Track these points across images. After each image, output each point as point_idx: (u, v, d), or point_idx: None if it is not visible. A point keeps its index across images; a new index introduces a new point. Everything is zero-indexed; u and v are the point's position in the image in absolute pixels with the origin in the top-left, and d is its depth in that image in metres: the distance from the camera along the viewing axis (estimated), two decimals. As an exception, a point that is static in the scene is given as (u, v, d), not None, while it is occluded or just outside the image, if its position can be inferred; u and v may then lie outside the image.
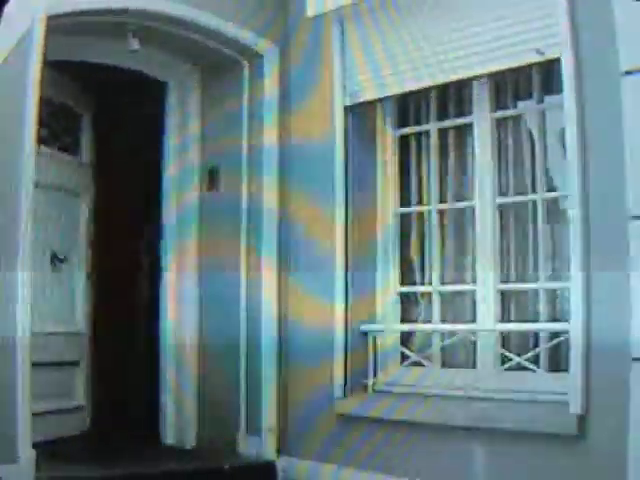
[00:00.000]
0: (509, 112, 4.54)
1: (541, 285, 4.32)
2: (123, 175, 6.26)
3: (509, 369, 4.34)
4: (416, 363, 4.73)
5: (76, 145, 5.89)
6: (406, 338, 4.84)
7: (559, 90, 4.03)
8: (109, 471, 4.51)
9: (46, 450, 4.37)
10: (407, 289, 4.90)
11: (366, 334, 4.80)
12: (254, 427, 5.07)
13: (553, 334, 4.18)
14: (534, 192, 4.38)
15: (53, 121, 5.58)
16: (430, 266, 4.80)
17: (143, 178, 6.02)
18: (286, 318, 5.06)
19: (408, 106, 4.98)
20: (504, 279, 4.48)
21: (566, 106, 3.92)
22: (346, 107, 4.91)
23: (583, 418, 3.75)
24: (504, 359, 4.37)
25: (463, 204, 4.70)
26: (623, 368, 3.47)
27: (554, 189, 4.34)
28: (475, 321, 4.52)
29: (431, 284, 4.77)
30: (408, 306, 4.91)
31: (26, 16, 4.16)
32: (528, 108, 4.48)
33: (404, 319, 4.89)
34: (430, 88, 4.66)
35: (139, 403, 5.93)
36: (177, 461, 5.05)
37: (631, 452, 3.43)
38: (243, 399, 5.13)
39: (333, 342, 4.77)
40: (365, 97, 4.86)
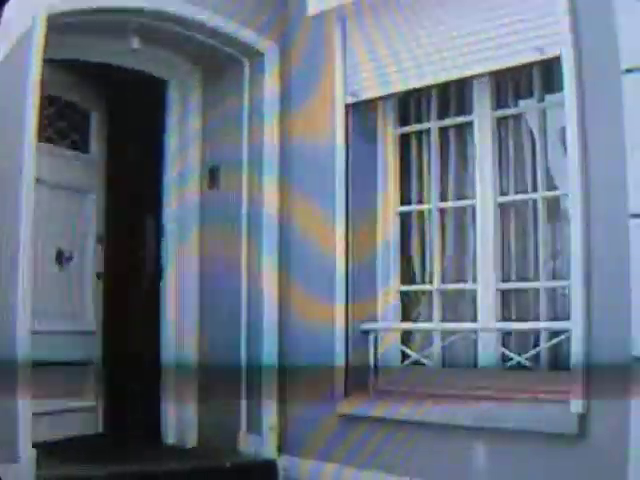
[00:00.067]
0: (510, 111, 4.53)
1: (542, 284, 4.31)
2: (132, 173, 6.20)
3: (510, 368, 4.33)
4: (417, 362, 4.72)
5: (85, 143, 5.87)
6: (407, 337, 4.84)
7: (560, 89, 4.03)
8: (110, 470, 4.50)
9: (47, 449, 4.37)
10: (408, 288, 4.89)
11: (367, 333, 4.79)
12: (255, 426, 5.06)
13: (554, 333, 4.17)
14: (535, 191, 4.38)
15: (60, 119, 5.57)
16: (431, 265, 4.80)
17: (150, 176, 6.00)
18: (287, 317, 5.06)
19: (409, 104, 4.98)
20: (505, 278, 4.48)
21: (567, 105, 3.92)
22: (347, 105, 4.90)
23: (584, 417, 3.75)
24: (505, 358, 4.37)
25: (464, 203, 4.69)
26: (624, 367, 3.46)
27: (555, 188, 4.33)
28: (476, 320, 4.51)
29: (432, 283, 4.76)
30: (409, 305, 4.91)
31: (27, 15, 4.17)
32: (529, 107, 4.48)
33: (405, 318, 4.89)
34: (431, 86, 4.66)
35: (140, 403, 5.91)
36: (178, 460, 5.05)
37: (632, 451, 3.43)
38: (244, 398, 5.12)
39: (334, 341, 4.77)
40: (366, 95, 4.86)
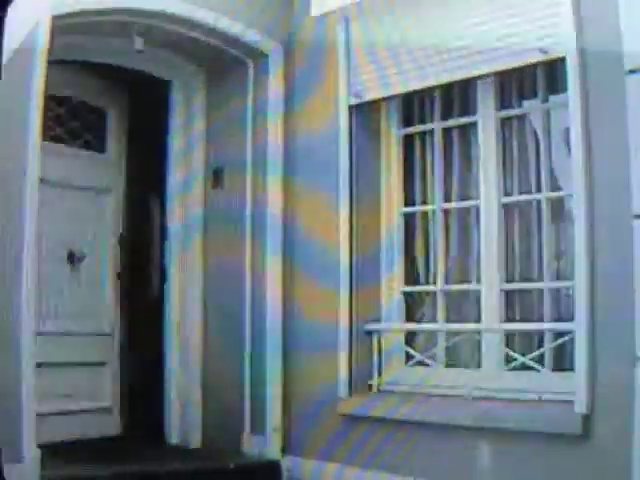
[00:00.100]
0: (514, 111, 4.53)
1: (546, 284, 4.31)
2: (146, 172, 6.11)
3: (514, 369, 4.33)
4: (420, 363, 4.73)
5: (101, 142, 5.85)
6: (410, 338, 4.84)
7: (564, 89, 4.03)
8: (114, 470, 4.51)
9: (51, 449, 4.37)
10: (411, 288, 4.89)
11: (370, 333, 4.80)
12: (259, 427, 5.07)
13: (558, 333, 4.17)
14: (539, 191, 4.38)
15: (73, 119, 5.57)
16: (435, 265, 4.80)
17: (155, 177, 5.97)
18: (291, 317, 5.07)
19: (412, 105, 4.98)
20: (509, 278, 4.48)
21: (571, 105, 3.93)
22: (350, 106, 4.91)
23: (588, 417, 3.75)
24: (509, 359, 4.36)
25: (467, 203, 4.69)
26: (628, 367, 3.46)
27: (559, 188, 4.33)
28: (480, 321, 4.51)
29: (435, 283, 4.76)
30: (412, 305, 4.91)
31: (31, 15, 4.17)
32: (533, 107, 4.48)
33: (408, 319, 4.89)
34: (434, 87, 4.66)
35: (144, 403, 5.91)
36: (182, 461, 5.06)
37: (636, 451, 3.43)
38: (248, 399, 5.13)
39: (337, 341, 4.77)
40: (369, 96, 4.86)
